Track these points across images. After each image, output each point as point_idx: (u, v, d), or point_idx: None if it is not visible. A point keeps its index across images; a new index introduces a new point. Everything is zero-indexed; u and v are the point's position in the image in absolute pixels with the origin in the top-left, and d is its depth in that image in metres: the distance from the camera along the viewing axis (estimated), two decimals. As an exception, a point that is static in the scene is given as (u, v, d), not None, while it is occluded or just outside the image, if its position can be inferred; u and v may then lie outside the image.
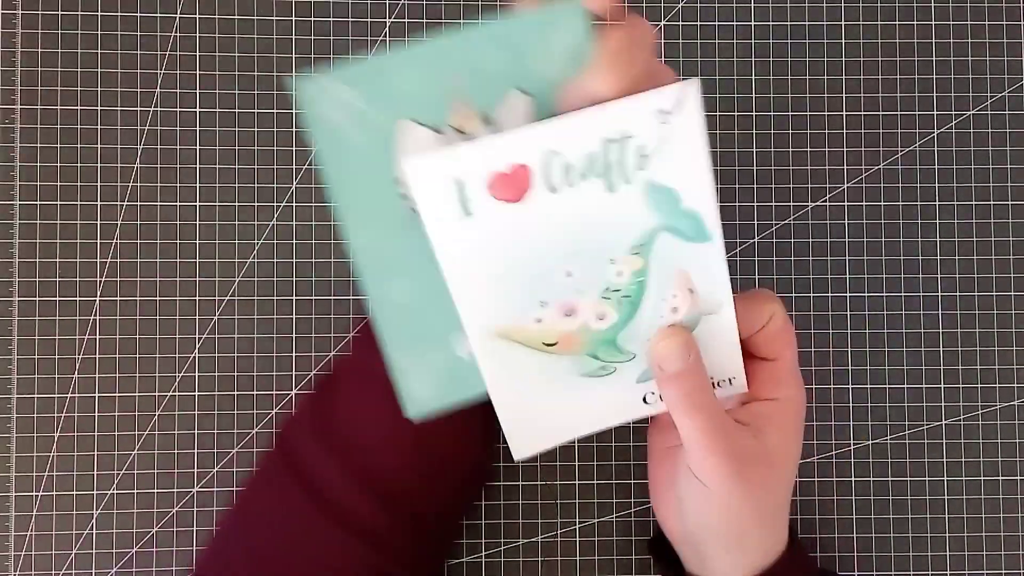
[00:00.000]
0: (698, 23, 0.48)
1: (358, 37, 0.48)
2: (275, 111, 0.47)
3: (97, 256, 0.47)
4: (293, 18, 0.48)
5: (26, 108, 0.47)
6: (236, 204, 0.47)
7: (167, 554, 0.46)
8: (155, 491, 0.46)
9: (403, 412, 0.35)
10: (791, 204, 0.48)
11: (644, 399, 0.36)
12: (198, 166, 0.47)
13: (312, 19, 0.48)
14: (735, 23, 0.49)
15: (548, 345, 0.34)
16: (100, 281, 0.47)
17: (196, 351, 0.47)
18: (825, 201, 0.48)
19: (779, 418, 0.36)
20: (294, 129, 0.47)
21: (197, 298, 0.47)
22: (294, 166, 0.47)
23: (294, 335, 0.47)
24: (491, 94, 0.33)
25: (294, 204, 0.47)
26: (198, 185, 0.47)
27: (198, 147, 0.47)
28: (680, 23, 0.48)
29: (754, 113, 0.48)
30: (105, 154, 0.47)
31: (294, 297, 0.47)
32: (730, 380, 0.36)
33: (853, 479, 0.47)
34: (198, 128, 0.47)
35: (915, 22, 0.49)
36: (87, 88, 0.47)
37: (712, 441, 0.34)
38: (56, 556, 0.46)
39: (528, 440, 0.36)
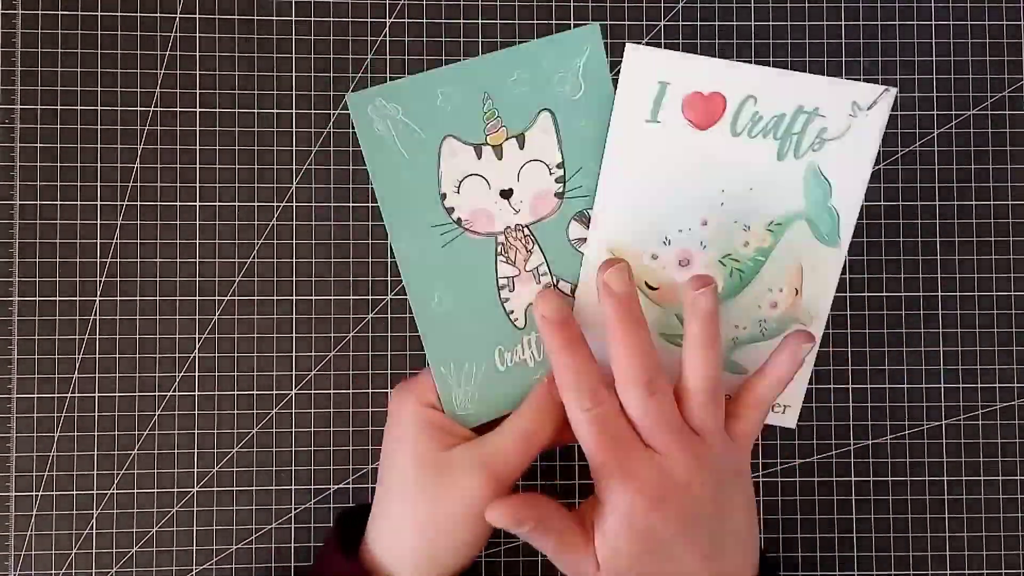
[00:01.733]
0: (698, 23, 0.48)
1: (358, 37, 0.48)
2: (275, 111, 0.47)
3: (97, 256, 0.47)
4: (293, 18, 0.48)
5: (26, 108, 0.47)
6: (236, 204, 0.47)
7: (167, 554, 0.46)
8: (155, 491, 0.46)
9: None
10: (791, 204, 0.48)
11: None
12: (198, 166, 0.47)
13: (312, 19, 0.48)
14: (735, 23, 0.49)
15: (650, 287, 0.36)
16: (100, 281, 0.47)
17: (196, 351, 0.47)
18: (825, 201, 0.48)
19: (598, 519, 0.34)
20: (294, 129, 0.47)
21: (197, 298, 0.47)
22: (294, 166, 0.47)
23: (294, 335, 0.47)
24: (522, 115, 0.36)
25: (294, 204, 0.47)
26: (198, 185, 0.47)
27: (198, 147, 0.47)
28: (680, 23, 0.48)
29: (754, 113, 0.48)
30: (105, 154, 0.47)
31: (294, 297, 0.47)
32: (784, 408, 0.37)
33: (853, 479, 0.47)
34: (198, 128, 0.47)
35: (915, 22, 0.49)
36: (87, 88, 0.47)
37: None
38: (56, 556, 0.46)
39: None
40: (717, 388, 0.35)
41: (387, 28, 0.48)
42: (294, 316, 0.47)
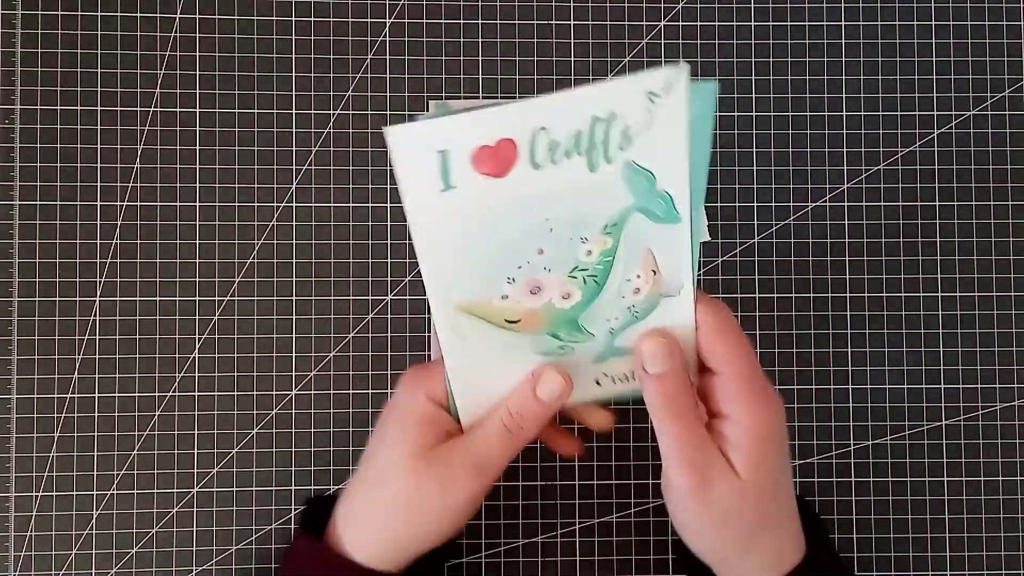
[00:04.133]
0: (698, 23, 0.48)
1: (358, 37, 0.48)
2: (275, 111, 0.47)
3: (97, 256, 0.47)
4: (293, 18, 0.48)
5: (26, 108, 0.47)
6: (236, 204, 0.47)
7: (167, 554, 0.46)
8: (155, 491, 0.46)
9: None
10: (791, 204, 0.48)
11: (597, 381, 0.37)
12: (198, 166, 0.47)
13: (312, 19, 0.48)
14: (735, 23, 0.49)
15: (510, 322, 0.35)
16: (100, 281, 0.47)
17: (196, 351, 0.47)
18: (825, 201, 0.48)
19: (736, 438, 0.34)
20: (294, 129, 0.47)
21: (197, 298, 0.47)
22: (294, 166, 0.47)
23: (294, 335, 0.47)
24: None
25: (294, 204, 0.47)
26: (198, 185, 0.47)
27: (198, 147, 0.47)
28: (680, 23, 0.48)
29: (754, 113, 0.48)
30: (105, 154, 0.47)
31: (294, 297, 0.47)
32: None
33: (853, 479, 0.47)
34: (198, 128, 0.47)
35: (915, 22, 0.49)
36: (87, 88, 0.47)
37: (680, 453, 0.34)
38: (56, 556, 0.46)
39: (476, 414, 0.37)
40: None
41: (387, 28, 0.48)
42: (294, 316, 0.47)
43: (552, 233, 0.33)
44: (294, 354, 0.47)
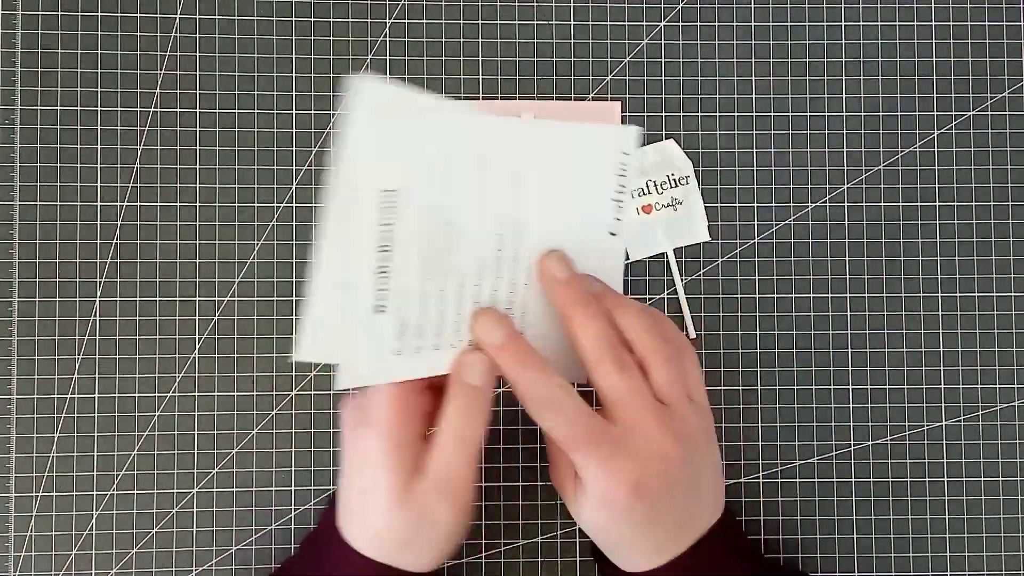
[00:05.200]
0: (698, 23, 0.48)
1: (358, 37, 0.48)
2: (275, 111, 0.47)
3: (97, 256, 0.47)
4: (293, 18, 0.48)
5: (26, 108, 0.47)
6: (236, 204, 0.47)
7: (167, 554, 0.46)
8: (155, 491, 0.46)
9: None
10: (791, 204, 0.48)
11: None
12: (198, 166, 0.47)
13: (312, 19, 0.48)
14: (735, 23, 0.49)
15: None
16: (100, 281, 0.47)
17: (196, 351, 0.47)
18: (825, 201, 0.48)
19: (584, 493, 0.36)
20: (294, 129, 0.47)
21: (197, 298, 0.47)
22: (294, 166, 0.47)
23: (294, 335, 0.47)
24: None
25: (294, 204, 0.47)
26: (198, 185, 0.47)
27: (198, 147, 0.47)
28: (680, 23, 0.48)
29: (754, 113, 0.48)
30: (105, 154, 0.47)
31: (294, 297, 0.47)
32: None
33: (853, 479, 0.47)
34: (198, 128, 0.47)
35: (915, 22, 0.49)
36: (87, 88, 0.47)
37: (552, 474, 0.38)
38: (56, 556, 0.46)
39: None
40: (675, 355, 0.36)
41: (387, 28, 0.48)
42: (294, 316, 0.47)
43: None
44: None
